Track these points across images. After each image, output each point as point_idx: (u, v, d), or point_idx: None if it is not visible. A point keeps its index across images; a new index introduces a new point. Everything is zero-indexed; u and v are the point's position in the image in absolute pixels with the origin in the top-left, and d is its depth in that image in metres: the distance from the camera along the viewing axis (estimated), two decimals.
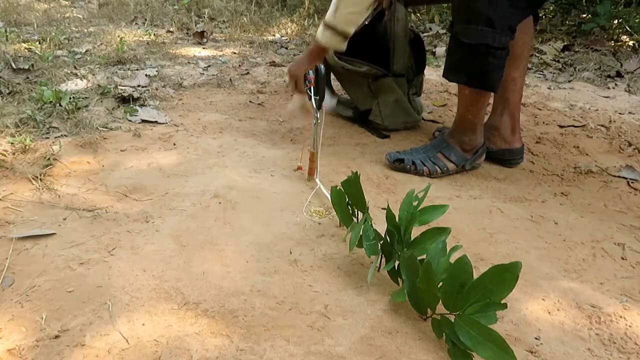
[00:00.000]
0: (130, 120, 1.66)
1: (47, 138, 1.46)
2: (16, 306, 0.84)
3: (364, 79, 1.65)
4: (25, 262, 0.94)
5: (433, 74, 2.48)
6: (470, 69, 1.26)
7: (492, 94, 1.38)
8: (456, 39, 1.25)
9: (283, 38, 3.16)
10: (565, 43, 2.95)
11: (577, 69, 2.57)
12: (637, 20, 3.11)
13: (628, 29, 3.04)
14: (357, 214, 1.01)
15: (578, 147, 1.63)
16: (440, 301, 0.79)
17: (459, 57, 1.27)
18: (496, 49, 1.21)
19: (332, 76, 1.75)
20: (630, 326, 0.87)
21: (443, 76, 1.34)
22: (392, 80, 1.64)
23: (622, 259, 1.07)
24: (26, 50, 2.35)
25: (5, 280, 0.89)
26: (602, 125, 1.81)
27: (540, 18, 1.43)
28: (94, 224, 1.08)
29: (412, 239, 0.91)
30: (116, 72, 2.14)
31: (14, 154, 1.34)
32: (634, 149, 1.63)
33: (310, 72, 1.25)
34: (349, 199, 1.00)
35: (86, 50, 2.48)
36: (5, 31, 2.62)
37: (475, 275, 0.77)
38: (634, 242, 1.14)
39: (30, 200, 1.15)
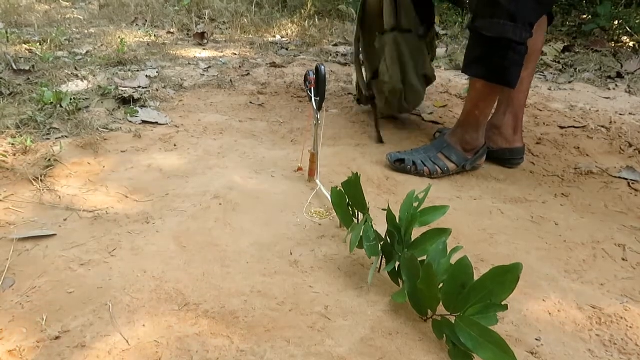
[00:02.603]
0: (130, 121, 1.66)
1: (48, 139, 1.46)
2: (17, 307, 0.84)
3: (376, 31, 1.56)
4: (26, 263, 0.94)
5: None
6: (490, 63, 1.27)
7: (500, 93, 1.39)
8: (477, 33, 1.27)
9: (284, 39, 3.16)
10: (566, 44, 2.95)
11: (577, 69, 2.57)
12: (637, 21, 3.11)
13: (628, 29, 3.04)
14: (358, 214, 1.01)
15: (578, 148, 1.63)
16: (441, 302, 0.79)
17: (480, 51, 1.29)
18: (517, 44, 1.23)
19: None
20: (631, 327, 0.87)
21: (462, 71, 1.36)
22: (398, 35, 1.55)
23: (623, 260, 1.07)
24: (27, 52, 2.36)
25: (6, 281, 0.89)
26: (603, 126, 1.81)
27: (553, 18, 1.44)
28: (95, 225, 1.08)
29: (412, 239, 0.91)
30: (117, 73, 2.14)
31: (14, 155, 1.34)
32: (635, 149, 1.63)
33: (311, 72, 1.25)
34: (349, 199, 1.00)
35: (87, 52, 2.49)
36: (6, 32, 2.63)
37: (476, 277, 0.77)
38: (635, 243, 1.13)
39: (30, 201, 1.16)
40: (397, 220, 0.91)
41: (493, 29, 1.23)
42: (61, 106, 1.66)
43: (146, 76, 2.11)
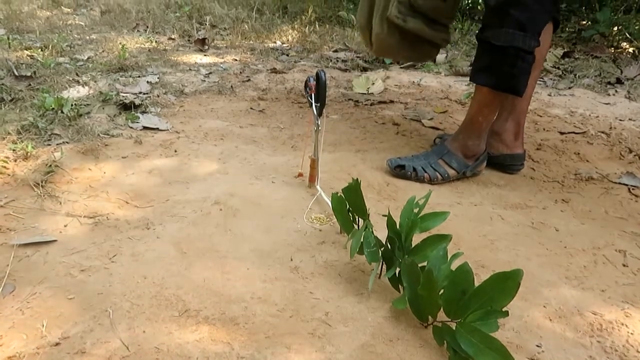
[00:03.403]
0: (131, 127, 1.66)
1: (49, 145, 1.46)
2: (17, 313, 0.84)
3: None
4: (26, 269, 0.94)
5: (434, 81, 2.49)
6: (498, 72, 1.28)
7: (504, 100, 1.40)
8: (486, 42, 1.29)
9: (284, 45, 3.17)
10: (566, 50, 2.96)
11: (577, 75, 2.58)
12: (636, 27, 3.13)
13: (628, 35, 3.06)
14: (358, 220, 1.01)
15: (579, 153, 1.63)
16: (442, 308, 0.79)
17: (489, 60, 1.30)
18: (525, 53, 1.24)
19: None
20: (632, 334, 0.87)
21: (470, 80, 1.37)
22: None
23: (624, 265, 1.07)
24: (28, 57, 2.37)
25: (6, 287, 0.89)
26: (603, 132, 1.81)
27: (559, 24, 1.45)
28: (95, 231, 1.08)
29: (413, 246, 0.91)
30: (118, 79, 2.15)
31: (15, 160, 1.34)
32: (635, 155, 1.63)
33: (311, 78, 1.26)
34: (349, 205, 1.00)
35: (88, 58, 2.50)
36: (8, 38, 2.64)
37: (477, 283, 0.77)
38: (635, 248, 1.13)
39: (31, 207, 1.16)
40: (398, 226, 0.91)
41: (502, 38, 1.24)
42: (62, 112, 1.66)
43: (147, 82, 2.12)
